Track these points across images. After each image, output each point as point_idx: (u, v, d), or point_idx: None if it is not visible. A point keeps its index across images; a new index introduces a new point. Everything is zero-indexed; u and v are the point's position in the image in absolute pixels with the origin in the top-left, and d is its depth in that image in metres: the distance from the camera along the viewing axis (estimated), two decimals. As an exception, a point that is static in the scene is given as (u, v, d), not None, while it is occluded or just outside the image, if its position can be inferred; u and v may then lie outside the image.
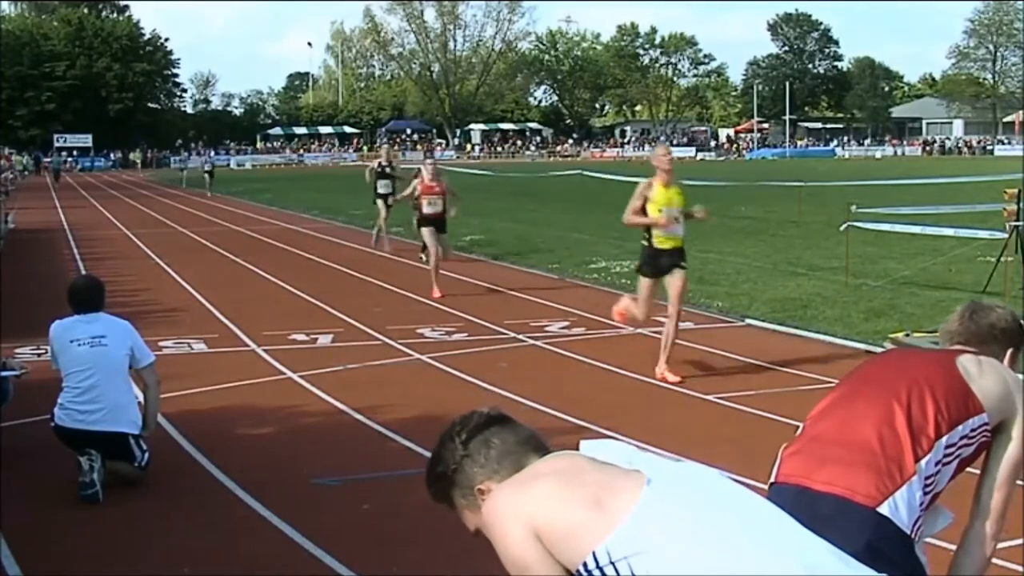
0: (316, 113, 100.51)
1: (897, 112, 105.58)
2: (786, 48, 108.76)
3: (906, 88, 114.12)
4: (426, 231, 12.88)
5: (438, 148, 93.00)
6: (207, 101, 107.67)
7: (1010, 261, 10.93)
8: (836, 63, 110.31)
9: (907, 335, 9.08)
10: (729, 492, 2.07)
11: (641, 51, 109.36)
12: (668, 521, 1.94)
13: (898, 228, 13.20)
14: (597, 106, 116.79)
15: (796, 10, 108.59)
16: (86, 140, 79.56)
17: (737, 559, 1.89)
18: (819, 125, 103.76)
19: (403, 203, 15.47)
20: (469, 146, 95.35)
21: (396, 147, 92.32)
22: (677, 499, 1.99)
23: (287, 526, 5.01)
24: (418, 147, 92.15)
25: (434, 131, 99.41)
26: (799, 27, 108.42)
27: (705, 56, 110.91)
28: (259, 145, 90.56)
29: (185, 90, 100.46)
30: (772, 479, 2.61)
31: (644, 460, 2.14)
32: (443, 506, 2.31)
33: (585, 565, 1.95)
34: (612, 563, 1.92)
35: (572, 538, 1.97)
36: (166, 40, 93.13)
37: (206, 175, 40.38)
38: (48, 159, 67.64)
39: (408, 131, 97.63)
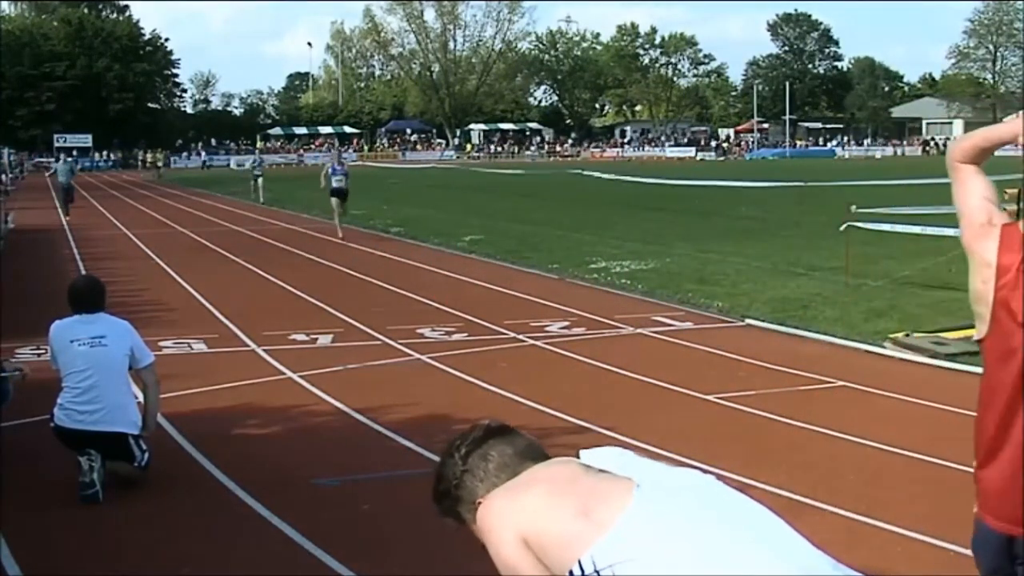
0: (316, 113, 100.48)
1: (897, 112, 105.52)
2: (786, 48, 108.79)
3: (906, 88, 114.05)
4: None
5: (437, 148, 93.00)
6: (207, 101, 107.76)
7: (1010, 261, 10.91)
8: (836, 63, 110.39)
9: (907, 335, 9.08)
10: (721, 497, 2.07)
11: (641, 51, 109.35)
12: (655, 528, 1.95)
13: (898, 228, 13.19)
14: (597, 106, 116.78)
15: (796, 10, 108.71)
16: (86, 140, 79.48)
17: (725, 563, 1.89)
18: (819, 125, 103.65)
19: None
20: (469, 146, 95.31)
21: (397, 147, 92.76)
22: (665, 505, 2.00)
23: (287, 526, 5.01)
24: (418, 147, 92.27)
25: (434, 131, 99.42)
26: (799, 27, 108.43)
27: (705, 56, 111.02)
28: (259, 145, 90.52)
29: (185, 90, 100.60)
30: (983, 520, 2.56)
31: (637, 466, 2.14)
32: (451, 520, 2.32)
33: (571, 573, 1.97)
34: (597, 571, 1.94)
35: (559, 547, 2.00)
36: (166, 40, 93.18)
37: (335, 203, 22.05)
38: (46, 159, 65.91)
39: (408, 131, 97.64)
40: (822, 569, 1.97)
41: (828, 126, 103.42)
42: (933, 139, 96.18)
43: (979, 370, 2.62)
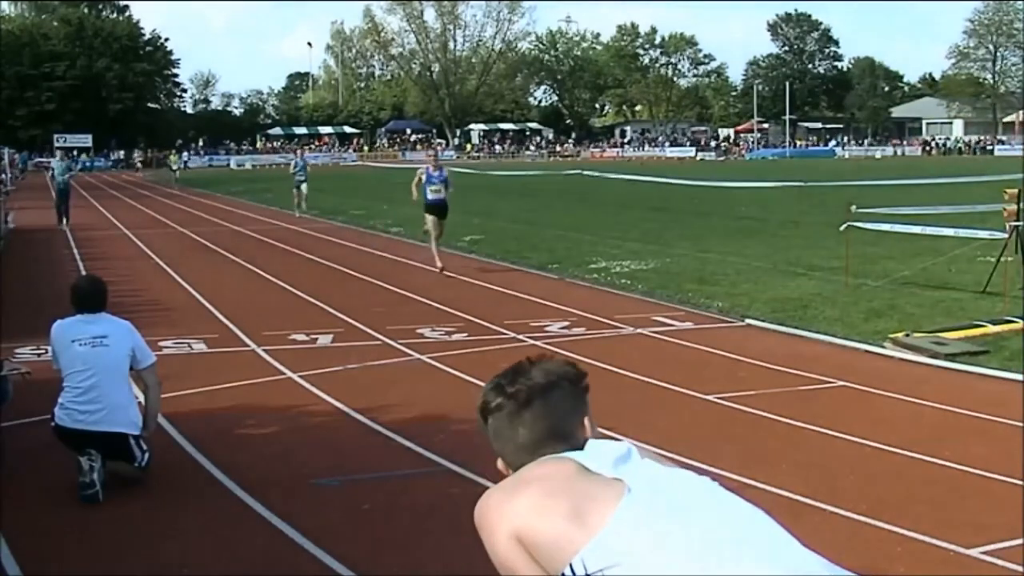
0: (316, 113, 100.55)
1: (897, 112, 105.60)
2: (786, 48, 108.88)
3: (906, 88, 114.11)
4: None
5: (438, 148, 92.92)
6: (207, 101, 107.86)
7: (1010, 261, 10.92)
8: (836, 63, 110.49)
9: (907, 335, 9.08)
10: (716, 499, 2.07)
11: (641, 51, 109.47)
12: (646, 531, 1.96)
13: (898, 228, 13.18)
14: (597, 106, 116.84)
15: (796, 10, 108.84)
16: (86, 140, 79.46)
17: (715, 566, 1.90)
18: (819, 125, 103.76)
19: None
20: (469, 146, 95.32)
21: (397, 147, 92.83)
22: (656, 508, 2.00)
23: (287, 526, 5.01)
24: (418, 147, 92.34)
25: (434, 131, 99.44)
26: (799, 27, 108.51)
27: (705, 56, 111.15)
28: (259, 145, 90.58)
29: (185, 90, 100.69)
30: None
31: (634, 466, 2.14)
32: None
33: (563, 575, 1.98)
34: (588, 575, 1.95)
35: (551, 548, 2.01)
36: (166, 40, 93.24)
37: (431, 221, 15.94)
38: (46, 159, 65.37)
39: (408, 131, 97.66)
40: (817, 570, 1.97)
41: (828, 126, 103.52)
42: (933, 139, 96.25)
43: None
